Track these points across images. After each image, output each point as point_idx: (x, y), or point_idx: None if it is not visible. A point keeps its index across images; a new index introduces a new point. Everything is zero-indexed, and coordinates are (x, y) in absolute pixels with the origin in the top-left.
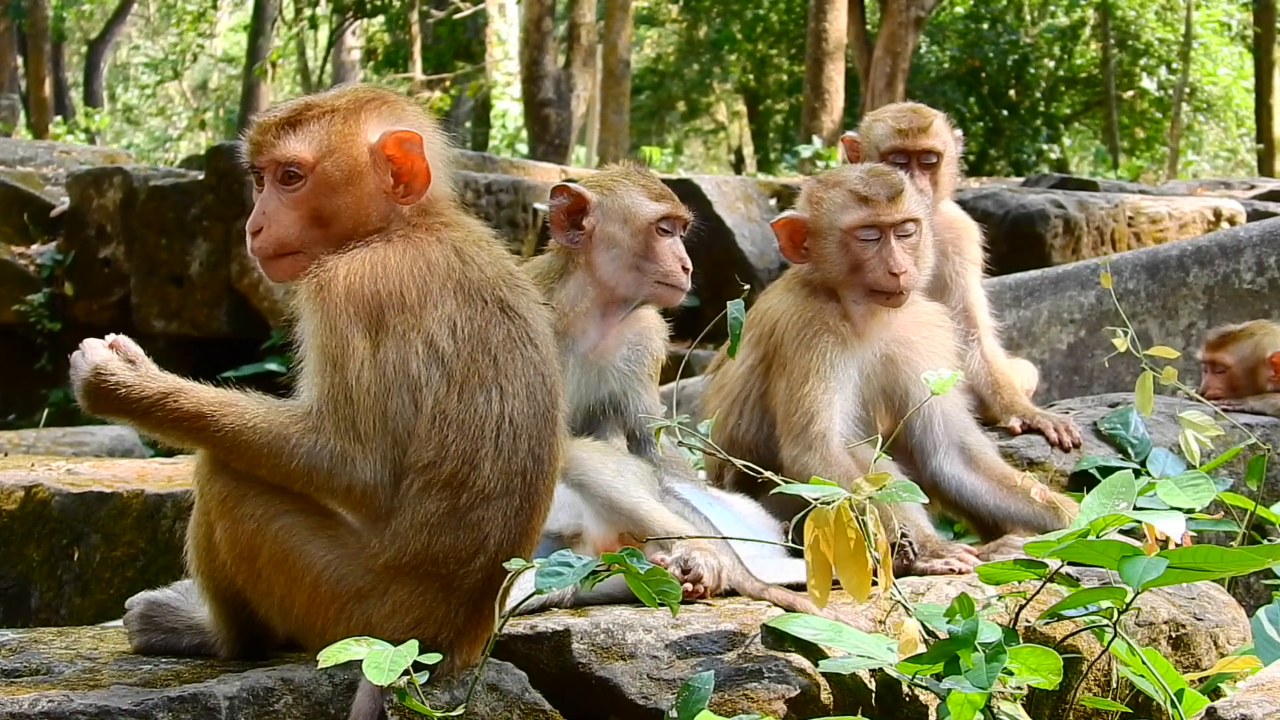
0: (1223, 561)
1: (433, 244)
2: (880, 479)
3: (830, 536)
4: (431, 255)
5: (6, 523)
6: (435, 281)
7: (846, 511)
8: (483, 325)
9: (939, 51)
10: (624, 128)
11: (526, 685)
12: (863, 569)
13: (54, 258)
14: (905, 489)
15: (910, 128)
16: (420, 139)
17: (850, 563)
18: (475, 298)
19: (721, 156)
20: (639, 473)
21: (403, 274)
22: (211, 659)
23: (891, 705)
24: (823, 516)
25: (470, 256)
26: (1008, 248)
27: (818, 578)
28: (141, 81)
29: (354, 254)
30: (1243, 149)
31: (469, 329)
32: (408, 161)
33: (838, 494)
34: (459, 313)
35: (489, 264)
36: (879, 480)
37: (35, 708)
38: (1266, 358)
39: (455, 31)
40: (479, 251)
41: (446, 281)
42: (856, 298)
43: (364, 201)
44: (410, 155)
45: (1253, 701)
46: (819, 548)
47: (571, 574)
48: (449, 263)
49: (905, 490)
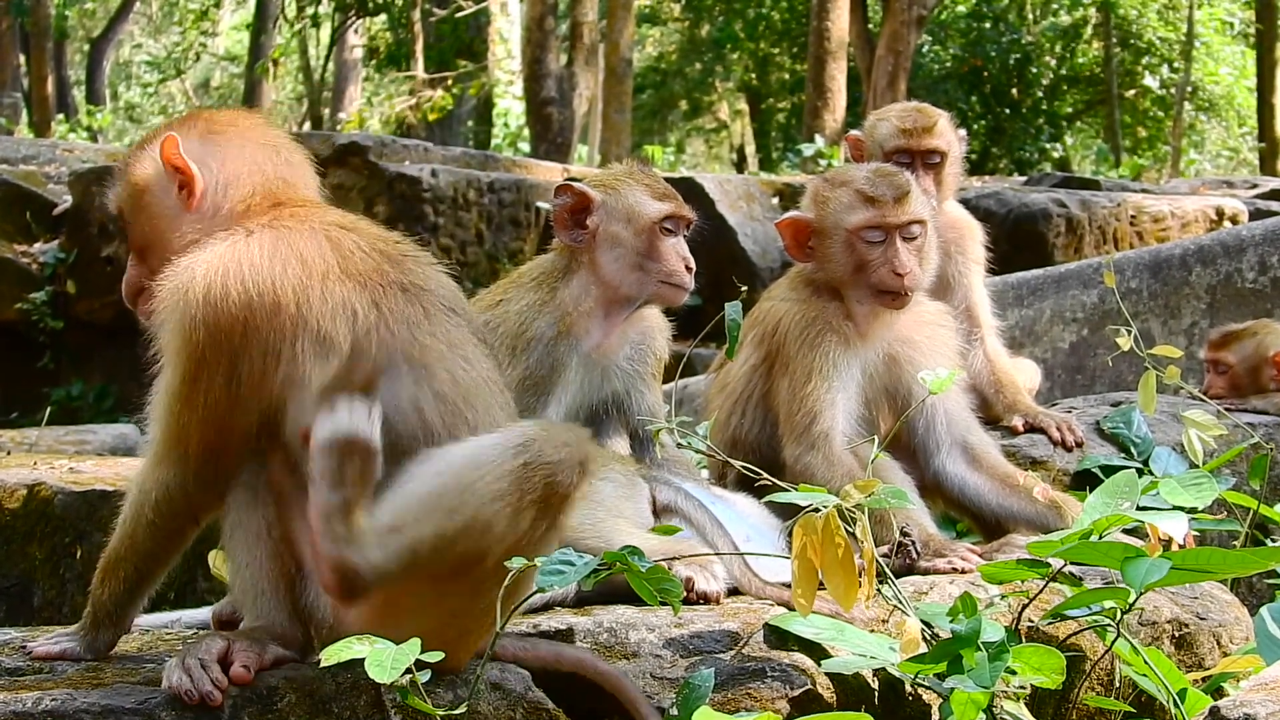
0: (1225, 563)
1: (299, 234)
2: (869, 486)
3: (818, 544)
4: (303, 248)
5: (9, 521)
6: (314, 276)
7: (834, 520)
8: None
9: (941, 50)
10: (626, 126)
11: (529, 684)
12: (850, 577)
13: (56, 256)
14: (894, 494)
15: (915, 127)
16: (175, 140)
17: (837, 570)
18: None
19: (723, 155)
20: (614, 496)
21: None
22: None
23: (894, 704)
24: (810, 524)
25: (339, 243)
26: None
27: (803, 586)
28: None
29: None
30: (1245, 148)
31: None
32: (177, 165)
33: (828, 501)
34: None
35: (365, 246)
36: (867, 487)
37: (39, 706)
38: (1269, 357)
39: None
40: (346, 236)
41: (327, 275)
42: (860, 298)
43: (161, 222)
44: (173, 159)
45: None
46: (805, 555)
47: (573, 573)
48: (324, 255)
49: (894, 496)
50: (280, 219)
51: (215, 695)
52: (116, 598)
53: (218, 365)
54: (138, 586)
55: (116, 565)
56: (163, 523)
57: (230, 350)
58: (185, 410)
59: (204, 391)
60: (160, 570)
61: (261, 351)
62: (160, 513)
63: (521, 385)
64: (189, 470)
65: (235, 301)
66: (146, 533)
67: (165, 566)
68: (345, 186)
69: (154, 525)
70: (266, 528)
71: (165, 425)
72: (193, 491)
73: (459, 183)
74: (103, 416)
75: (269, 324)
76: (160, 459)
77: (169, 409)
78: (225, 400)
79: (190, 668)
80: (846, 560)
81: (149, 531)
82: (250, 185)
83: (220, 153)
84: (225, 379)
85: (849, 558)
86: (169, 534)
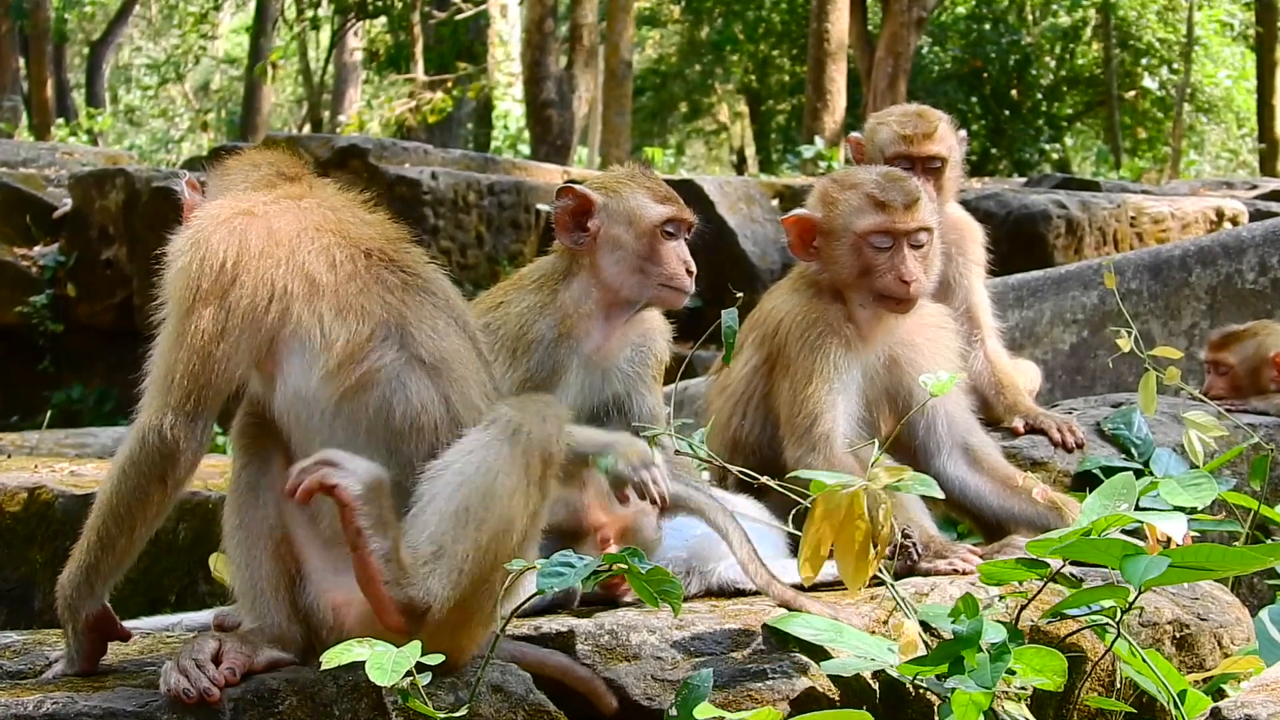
0: (1225, 560)
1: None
2: (898, 471)
3: (837, 523)
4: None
5: (10, 524)
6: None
7: (860, 503)
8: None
9: (941, 52)
10: (626, 128)
11: (531, 686)
12: (863, 560)
13: (56, 259)
14: (921, 481)
15: (915, 134)
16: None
17: (852, 551)
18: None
19: (723, 157)
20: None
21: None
22: None
23: (895, 705)
24: (835, 501)
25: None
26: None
27: (809, 554)
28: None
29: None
30: (1244, 149)
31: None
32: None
33: (855, 482)
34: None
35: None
36: (897, 472)
37: (40, 709)
38: (1269, 357)
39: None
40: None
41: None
42: (863, 301)
43: None
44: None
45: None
46: (819, 524)
47: (573, 574)
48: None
49: (921, 483)
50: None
51: (213, 691)
52: (85, 565)
53: (210, 298)
54: (105, 551)
55: (88, 530)
56: (134, 474)
57: (222, 285)
58: (175, 348)
59: (194, 325)
60: (127, 539)
61: (254, 282)
62: (133, 462)
63: (522, 387)
64: (169, 403)
65: (229, 244)
66: (116, 488)
67: (132, 536)
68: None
69: (123, 478)
70: (268, 529)
71: (155, 367)
72: (167, 430)
73: (459, 185)
74: (103, 419)
75: (259, 261)
76: (144, 406)
77: (160, 351)
78: (214, 331)
79: (186, 668)
80: (864, 543)
81: (118, 485)
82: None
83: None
84: (216, 309)
85: (866, 541)
86: (137, 491)
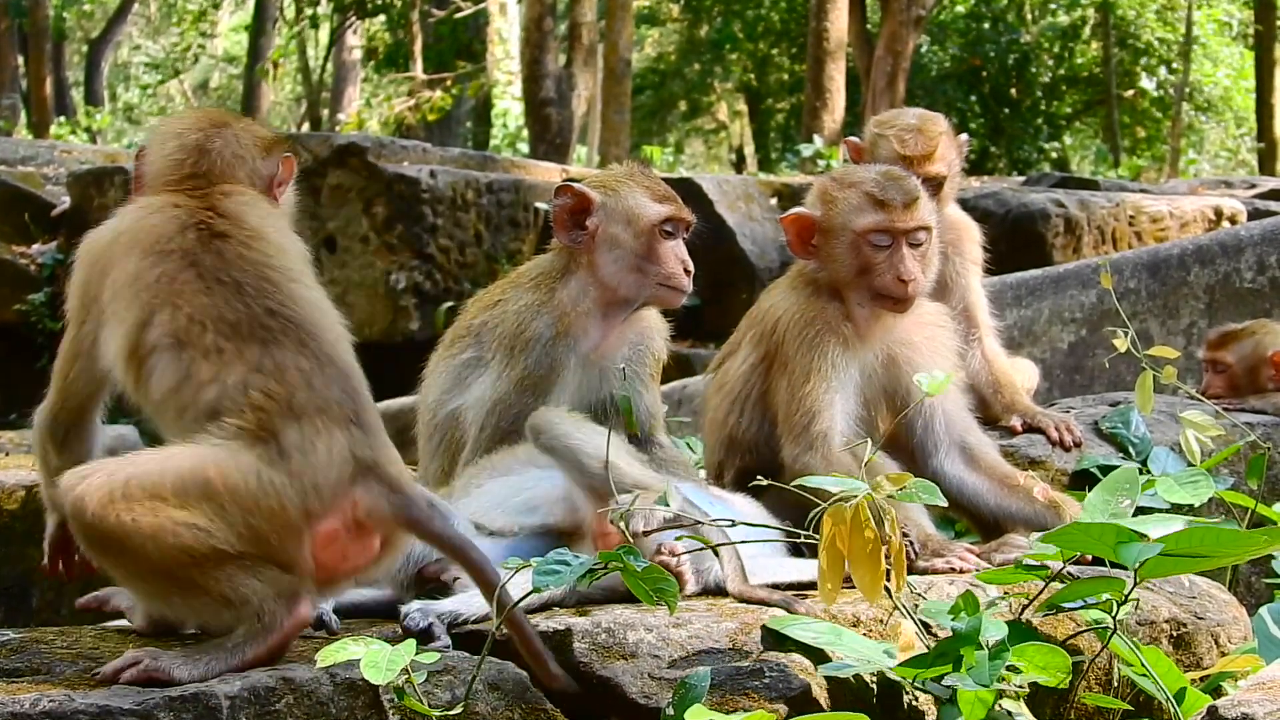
0: (1221, 544)
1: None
2: (902, 478)
3: (845, 534)
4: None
5: (8, 522)
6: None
7: (865, 510)
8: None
9: (940, 50)
10: (625, 127)
11: (527, 684)
12: (877, 569)
13: (55, 257)
14: (924, 489)
15: (915, 154)
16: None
17: (865, 561)
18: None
19: (722, 156)
20: (617, 442)
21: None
22: None
23: (892, 706)
24: (840, 514)
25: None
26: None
27: (830, 575)
28: (142, 81)
29: None
30: (1243, 148)
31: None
32: None
33: (859, 489)
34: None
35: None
36: (900, 480)
37: (37, 707)
38: (1267, 356)
39: (456, 31)
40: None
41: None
42: (861, 300)
43: None
44: None
45: (1254, 700)
46: (834, 545)
47: (569, 572)
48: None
49: (924, 490)
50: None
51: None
52: None
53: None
54: None
55: None
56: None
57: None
58: (69, 346)
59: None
60: None
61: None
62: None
63: (520, 386)
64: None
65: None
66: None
67: None
68: (344, 187)
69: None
70: None
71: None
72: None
73: (458, 183)
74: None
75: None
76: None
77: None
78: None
79: None
80: (875, 552)
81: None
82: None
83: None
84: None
85: (877, 549)
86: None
